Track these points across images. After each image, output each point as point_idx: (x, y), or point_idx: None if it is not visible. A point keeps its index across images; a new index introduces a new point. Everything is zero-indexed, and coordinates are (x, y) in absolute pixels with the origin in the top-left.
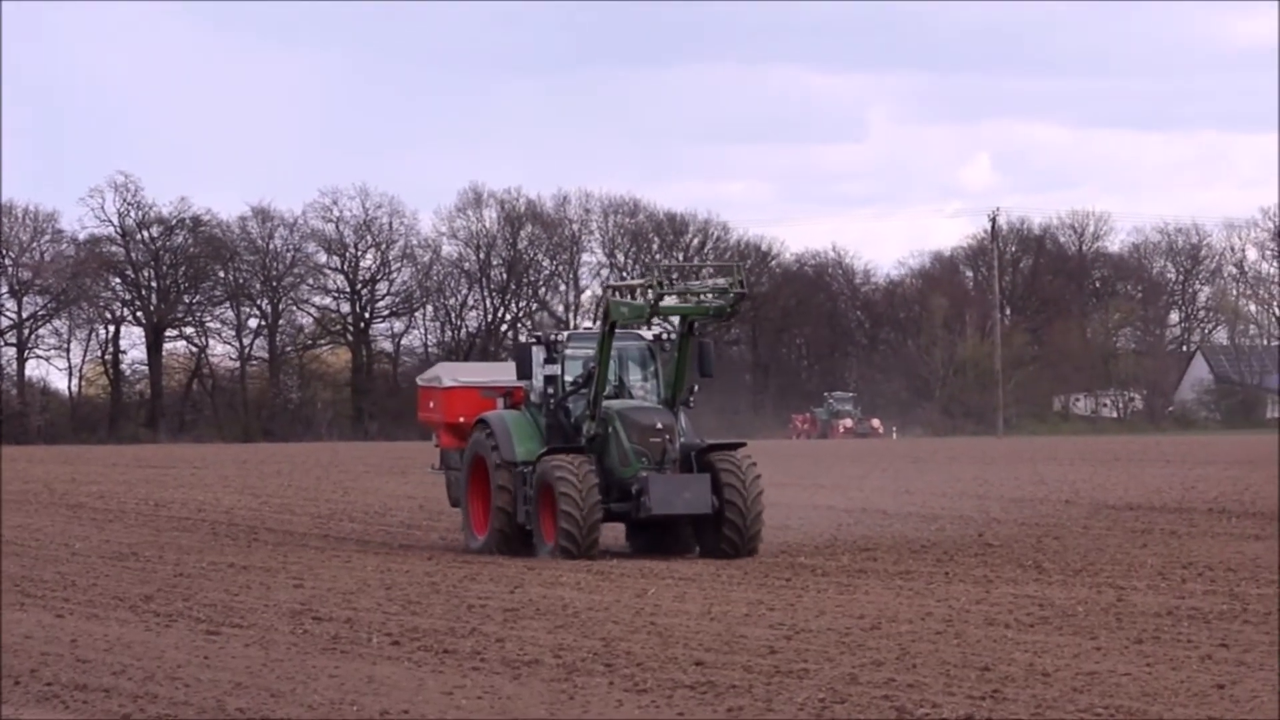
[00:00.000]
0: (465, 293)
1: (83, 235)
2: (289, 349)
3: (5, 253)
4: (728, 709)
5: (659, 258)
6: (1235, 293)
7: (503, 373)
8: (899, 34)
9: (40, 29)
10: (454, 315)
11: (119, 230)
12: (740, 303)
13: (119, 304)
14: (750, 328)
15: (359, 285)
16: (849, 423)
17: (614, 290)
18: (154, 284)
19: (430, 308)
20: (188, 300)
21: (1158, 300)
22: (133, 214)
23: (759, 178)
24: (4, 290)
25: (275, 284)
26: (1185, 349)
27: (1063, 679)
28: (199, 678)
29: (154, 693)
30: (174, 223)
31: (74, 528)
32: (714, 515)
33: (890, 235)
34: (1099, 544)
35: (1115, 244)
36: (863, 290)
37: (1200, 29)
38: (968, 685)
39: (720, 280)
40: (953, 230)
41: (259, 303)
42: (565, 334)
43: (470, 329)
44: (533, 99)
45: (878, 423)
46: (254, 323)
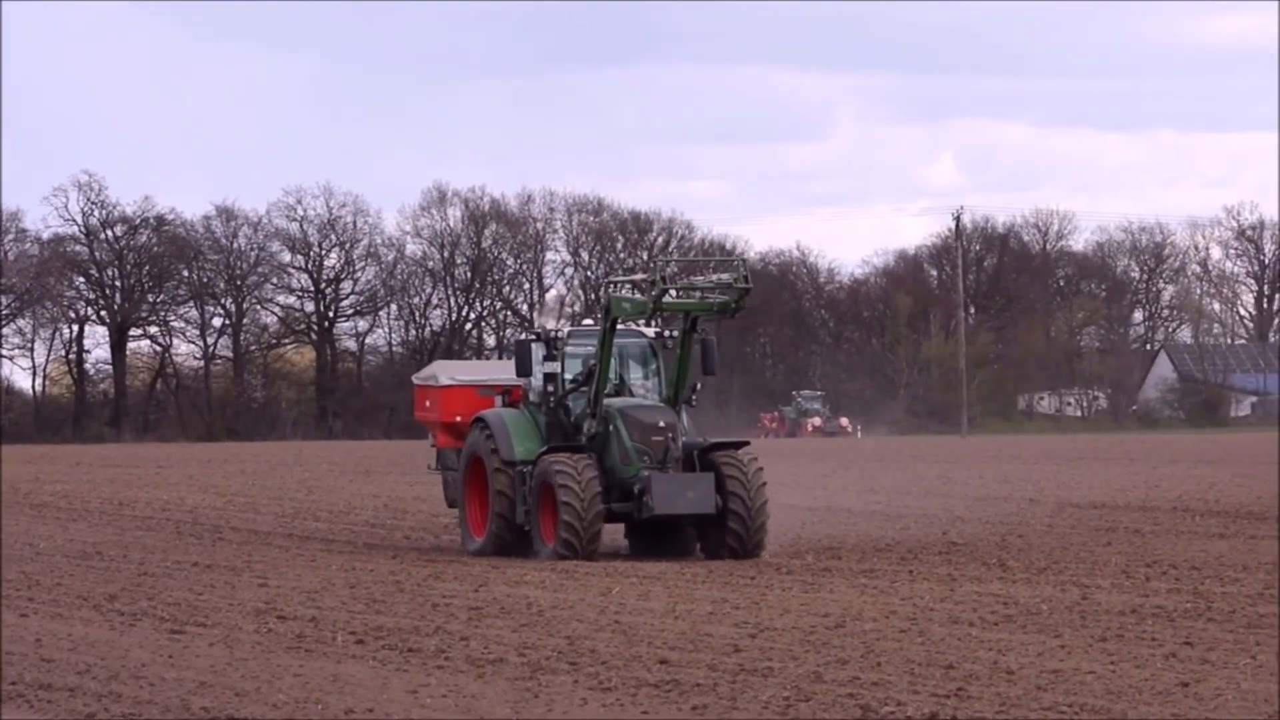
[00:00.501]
0: (429, 292)
1: (46, 234)
2: (253, 348)
3: None
4: (692, 707)
5: (623, 256)
6: (1199, 291)
7: (500, 371)
8: (864, 34)
9: (3, 28)
10: (418, 314)
11: (83, 229)
12: (745, 298)
13: (83, 303)
14: (715, 326)
15: (323, 284)
16: (817, 421)
17: (615, 285)
18: (118, 283)
19: (394, 307)
20: (152, 299)
21: (1121, 299)
22: (97, 213)
23: (724, 177)
24: None
25: (239, 283)
26: (1149, 348)
27: (1027, 677)
28: (163, 677)
29: (118, 692)
30: (138, 222)
31: (38, 527)
32: (717, 515)
33: (855, 234)
34: (1063, 542)
35: (1079, 243)
36: (827, 289)
37: (1163, 29)
38: (932, 683)
39: (724, 275)
40: (917, 229)
41: (223, 302)
42: (565, 330)
43: (434, 328)
44: (497, 98)
45: (846, 421)
46: (218, 322)
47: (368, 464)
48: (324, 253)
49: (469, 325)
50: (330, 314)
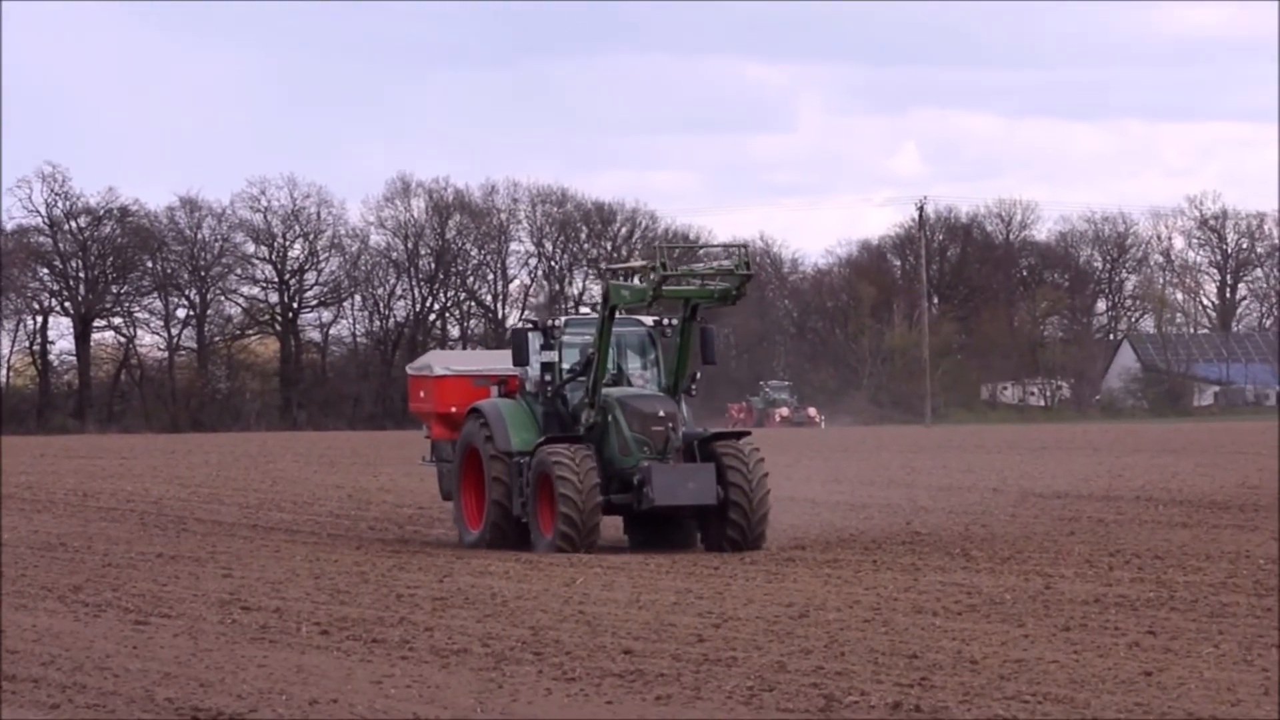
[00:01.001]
0: (393, 282)
1: (10, 226)
2: (217, 339)
3: None
4: (656, 697)
5: (588, 247)
6: (1162, 281)
7: (496, 360)
8: (829, 25)
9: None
10: (382, 305)
11: (46, 220)
12: (746, 285)
13: (47, 294)
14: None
15: (287, 275)
16: (785, 412)
17: (613, 273)
18: (82, 274)
19: (358, 297)
20: (116, 290)
21: (1085, 289)
22: (60, 204)
23: (688, 167)
24: None
25: (203, 274)
26: (1112, 337)
27: (991, 666)
28: (128, 668)
29: (82, 683)
30: (102, 213)
31: (2, 518)
32: (718, 507)
33: (819, 224)
34: (1026, 532)
35: (1042, 233)
36: (791, 279)
37: (1127, 20)
38: (896, 673)
39: (725, 262)
40: (881, 219)
41: (187, 293)
42: (563, 319)
43: (399, 319)
44: (461, 89)
45: (814, 411)
46: (182, 313)
47: (332, 455)
48: (288, 244)
49: (433, 316)
50: (294, 305)
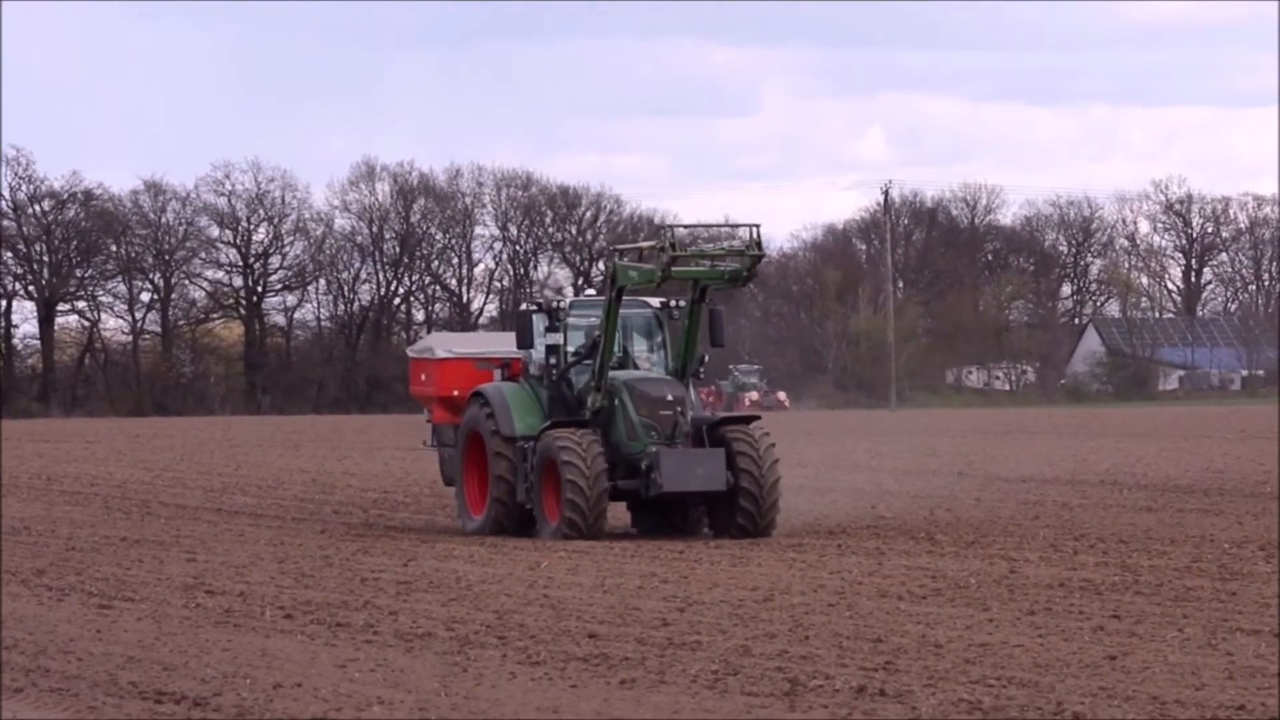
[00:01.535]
0: (358, 266)
1: None
2: (181, 323)
3: None
4: (620, 681)
5: (553, 231)
6: (1127, 265)
7: (499, 343)
8: (794, 8)
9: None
10: (347, 289)
11: (10, 204)
12: (757, 266)
13: (10, 278)
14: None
15: (251, 259)
16: (755, 396)
17: (621, 253)
18: (45, 258)
19: (323, 281)
20: (80, 274)
21: (1050, 273)
22: (24, 188)
23: (653, 151)
24: None
25: (167, 258)
26: (1077, 321)
27: (955, 650)
28: (91, 651)
29: (46, 666)
30: (65, 197)
31: None
32: (728, 493)
33: (784, 208)
34: (991, 516)
35: (1007, 217)
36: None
37: (1093, 4)
38: (860, 656)
39: (735, 242)
40: (846, 203)
41: (151, 277)
42: (568, 301)
43: (363, 303)
44: (426, 72)
45: (784, 395)
46: (146, 297)
47: (296, 439)
48: (252, 227)
49: (398, 300)
50: (259, 289)
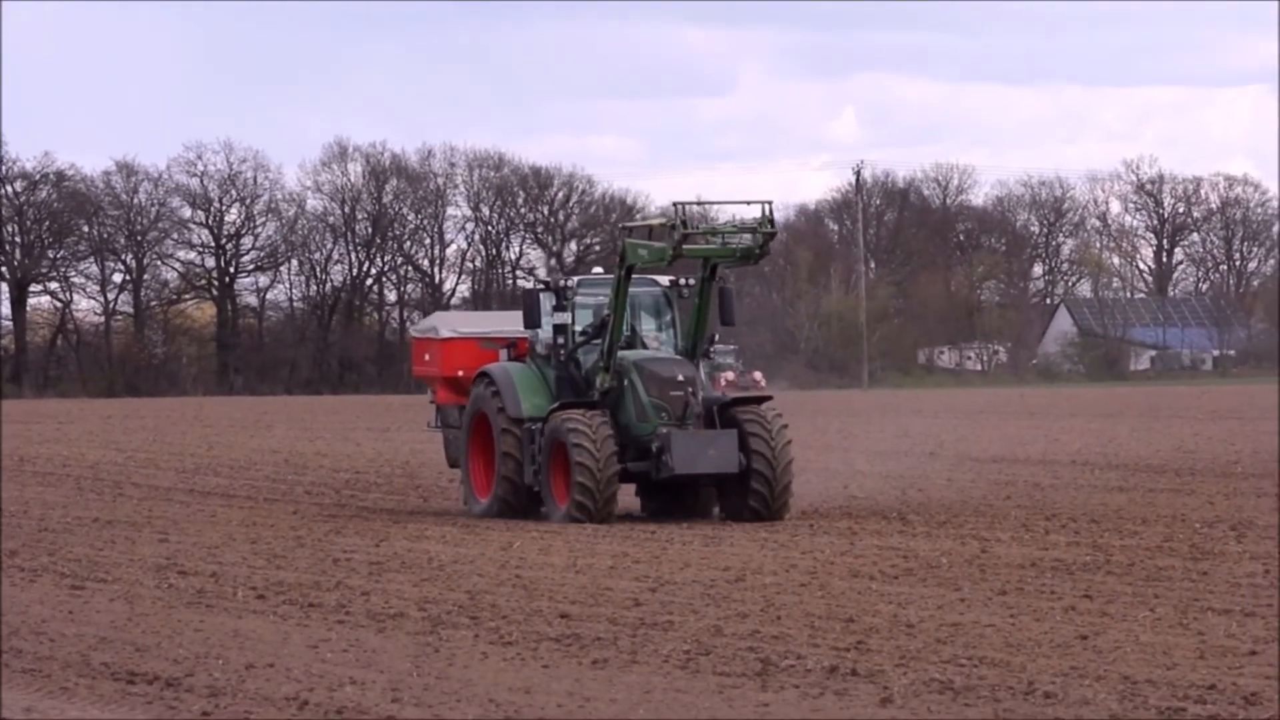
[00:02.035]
0: (330, 247)
1: None
2: (154, 304)
3: None
4: (593, 661)
5: (525, 212)
6: (1098, 245)
7: (504, 322)
8: None
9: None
10: (319, 270)
11: None
12: (769, 243)
13: None
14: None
15: (224, 240)
16: (730, 376)
17: (630, 231)
18: (18, 239)
19: (295, 262)
20: (52, 255)
21: (1021, 253)
22: None
23: (627, 132)
24: None
25: (140, 239)
26: (1049, 302)
27: (927, 630)
28: (64, 632)
29: (19, 648)
30: (38, 178)
31: None
32: (740, 475)
33: (757, 189)
34: (963, 496)
35: (979, 197)
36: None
37: None
38: (832, 636)
39: (747, 219)
40: (819, 183)
41: (123, 258)
42: (575, 279)
43: (335, 283)
44: (399, 53)
45: (760, 376)
46: (119, 278)
47: (268, 419)
48: (224, 208)
49: (370, 281)
50: (231, 269)
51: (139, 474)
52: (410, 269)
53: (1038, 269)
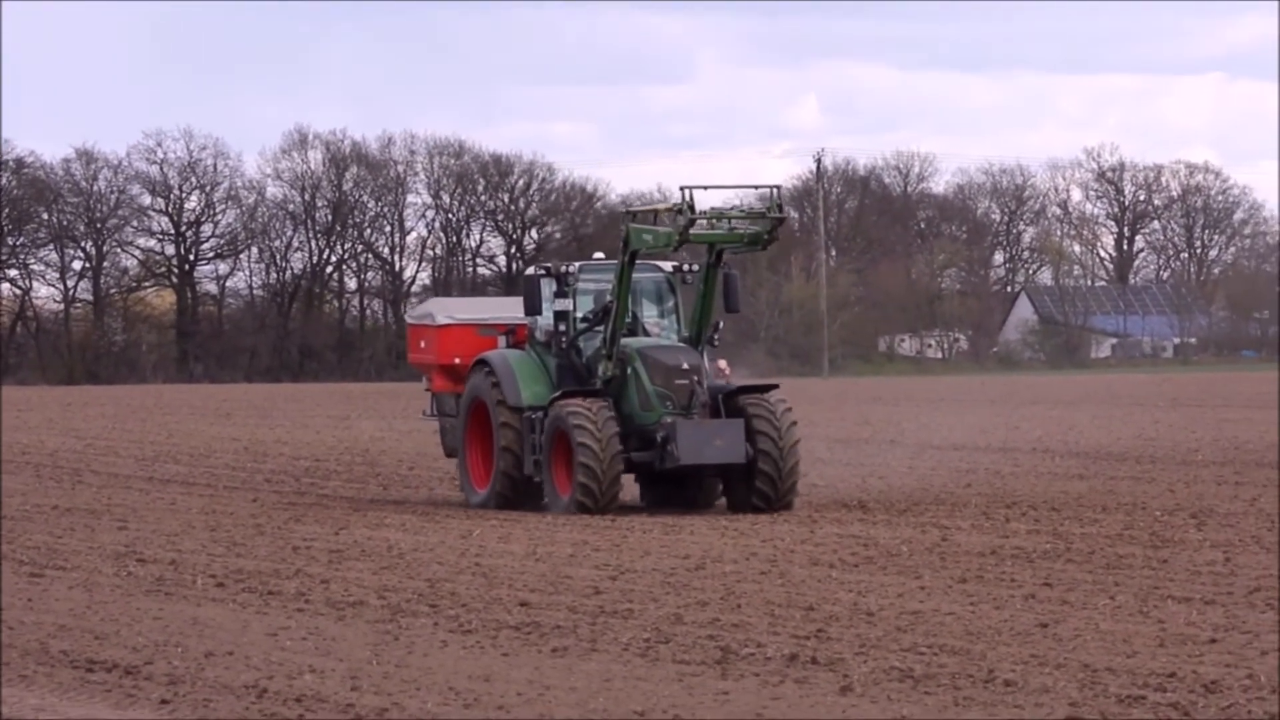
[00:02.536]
0: (290, 234)
1: None
2: (113, 291)
3: None
4: (552, 649)
5: (485, 199)
6: (1059, 233)
7: (502, 309)
8: None
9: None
10: (279, 257)
11: None
12: (778, 229)
13: None
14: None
15: (183, 227)
16: (724, 364)
17: (634, 215)
18: None
19: (255, 250)
20: (11, 243)
21: (982, 241)
22: None
23: (586, 119)
24: None
25: (99, 226)
26: (1010, 289)
27: (887, 618)
28: (23, 620)
29: None
30: None
31: None
32: (746, 465)
33: (717, 176)
34: (923, 484)
35: (940, 185)
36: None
37: None
38: (792, 624)
39: (755, 204)
40: (779, 171)
41: (83, 245)
42: (577, 265)
43: (295, 271)
44: (358, 41)
45: (725, 364)
46: (78, 265)
47: (228, 407)
48: (184, 196)
49: (330, 268)
50: (191, 257)
51: (98, 462)
52: (370, 257)
53: (999, 257)
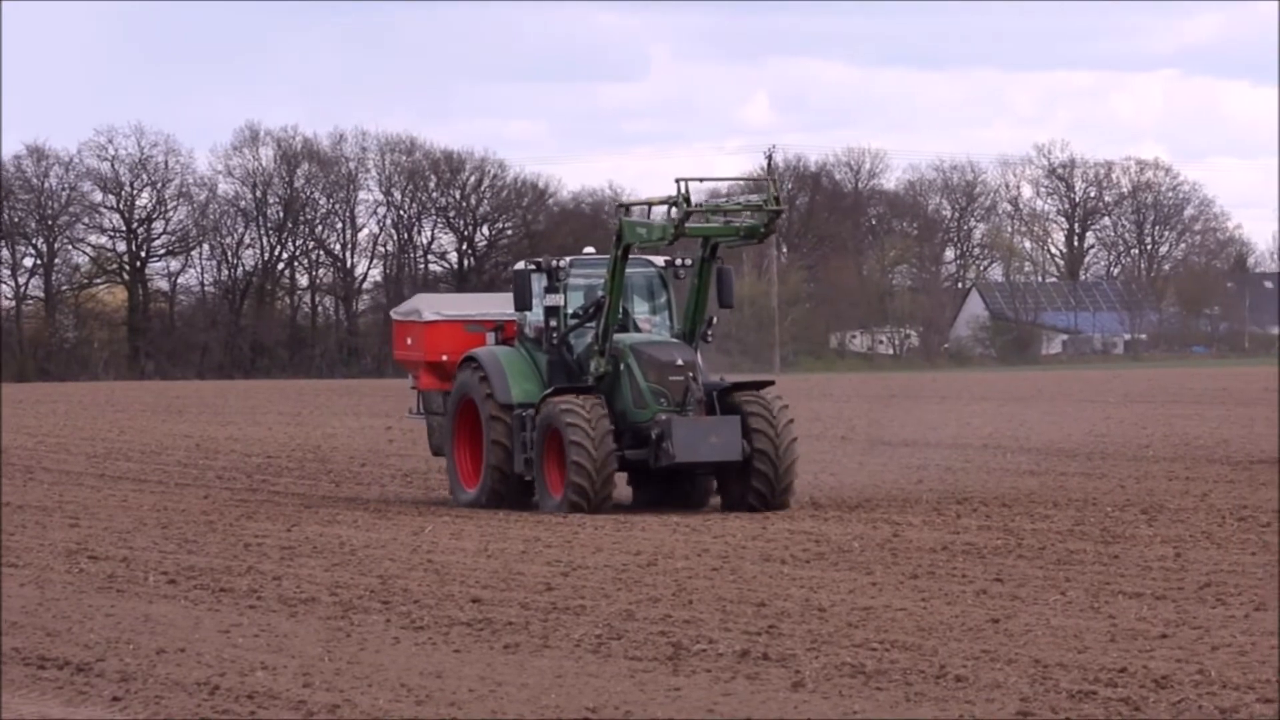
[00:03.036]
0: (242, 231)
1: None
2: (65, 288)
3: None
4: (504, 645)
5: (436, 196)
6: (1010, 230)
7: (489, 305)
8: None
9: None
10: (230, 254)
11: None
12: (776, 221)
13: None
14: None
15: (135, 224)
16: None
17: (627, 208)
18: None
19: (206, 246)
20: None
21: (933, 237)
22: None
23: (538, 116)
24: None
25: (50, 223)
26: (960, 286)
27: (838, 614)
28: None
29: None
30: None
31: None
32: (741, 464)
33: (669, 172)
34: (875, 480)
35: (891, 181)
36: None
37: None
38: (744, 620)
39: (753, 196)
40: (731, 167)
41: (34, 242)
42: (567, 259)
43: (247, 267)
44: (310, 37)
45: None
46: (29, 262)
47: (180, 404)
48: (136, 192)
49: (281, 265)
50: (142, 254)
51: (50, 459)
52: (322, 253)
53: (949, 253)
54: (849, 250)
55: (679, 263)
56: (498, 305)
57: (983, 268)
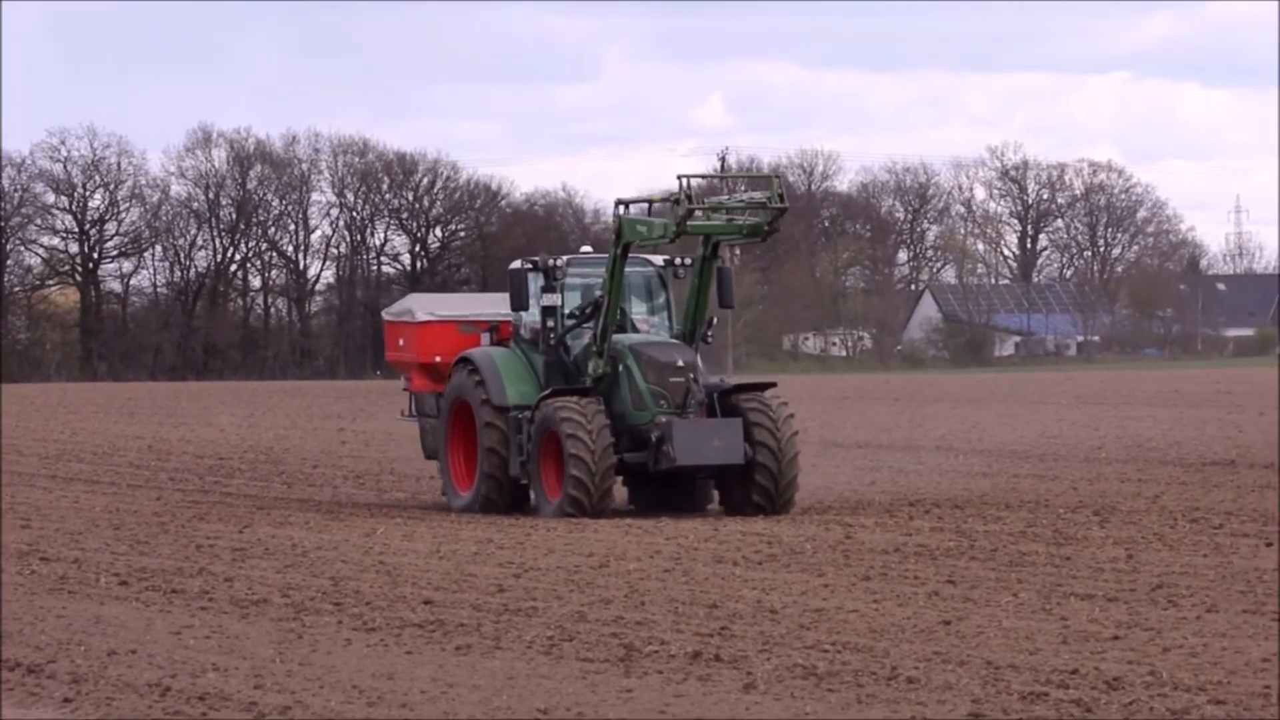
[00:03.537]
0: (194, 233)
1: None
2: (17, 289)
3: None
4: (456, 647)
5: (389, 197)
6: (963, 232)
7: (483, 304)
8: None
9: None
10: (183, 255)
11: None
12: (780, 219)
13: None
14: (480, 268)
15: (87, 225)
16: None
17: (627, 206)
18: None
19: (159, 248)
20: None
21: (886, 239)
22: None
23: (491, 117)
24: None
25: (2, 225)
26: (914, 288)
27: (790, 615)
28: None
29: None
30: None
31: None
32: (743, 467)
33: (622, 175)
34: (827, 482)
35: (844, 183)
36: (593, 229)
37: None
38: (696, 622)
39: (756, 194)
40: (685, 170)
41: None
42: (564, 259)
43: (200, 269)
44: (263, 39)
45: None
46: None
47: (132, 405)
48: (88, 194)
49: (234, 267)
50: (95, 255)
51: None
52: (275, 255)
53: (902, 255)
54: (802, 252)
55: (678, 262)
56: (492, 305)
57: (936, 270)
